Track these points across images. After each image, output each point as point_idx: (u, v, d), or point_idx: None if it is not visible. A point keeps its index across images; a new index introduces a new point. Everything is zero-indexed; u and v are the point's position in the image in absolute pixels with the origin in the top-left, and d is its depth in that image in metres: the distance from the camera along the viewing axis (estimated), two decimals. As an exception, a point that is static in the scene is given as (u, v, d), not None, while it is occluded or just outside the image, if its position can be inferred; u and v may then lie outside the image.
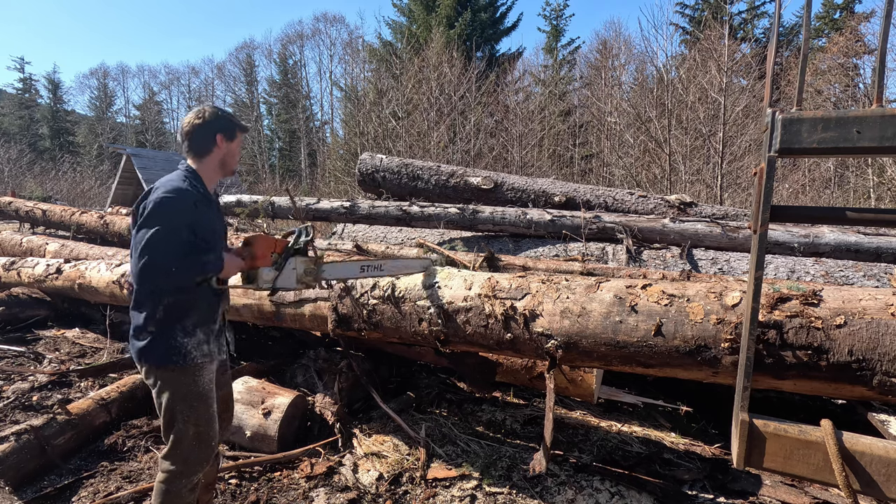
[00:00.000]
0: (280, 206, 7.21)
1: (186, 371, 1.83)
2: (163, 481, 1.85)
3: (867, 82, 18.26)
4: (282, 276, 2.03)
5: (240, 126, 2.03)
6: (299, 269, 2.10)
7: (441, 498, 2.49)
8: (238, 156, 2.06)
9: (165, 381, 1.83)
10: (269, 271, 1.99)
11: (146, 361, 1.83)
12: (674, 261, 4.67)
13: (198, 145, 1.93)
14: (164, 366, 1.82)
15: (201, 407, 1.88)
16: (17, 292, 5.45)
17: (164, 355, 1.80)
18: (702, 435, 3.28)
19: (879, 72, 1.36)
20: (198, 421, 1.87)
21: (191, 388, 1.85)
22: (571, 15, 38.83)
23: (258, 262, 1.95)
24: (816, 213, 1.60)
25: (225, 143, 1.97)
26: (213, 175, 1.99)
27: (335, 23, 40.95)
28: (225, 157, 1.99)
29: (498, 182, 6.28)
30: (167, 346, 1.80)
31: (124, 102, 47.56)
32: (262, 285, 1.98)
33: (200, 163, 1.94)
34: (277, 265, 2.02)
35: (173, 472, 1.85)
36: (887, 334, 1.74)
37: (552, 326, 2.35)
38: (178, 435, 1.85)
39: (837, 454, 1.37)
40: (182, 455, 1.86)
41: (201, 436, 1.88)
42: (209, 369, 1.92)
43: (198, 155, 1.94)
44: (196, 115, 1.93)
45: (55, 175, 27.63)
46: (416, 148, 16.17)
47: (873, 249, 4.38)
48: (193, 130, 1.91)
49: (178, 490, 1.85)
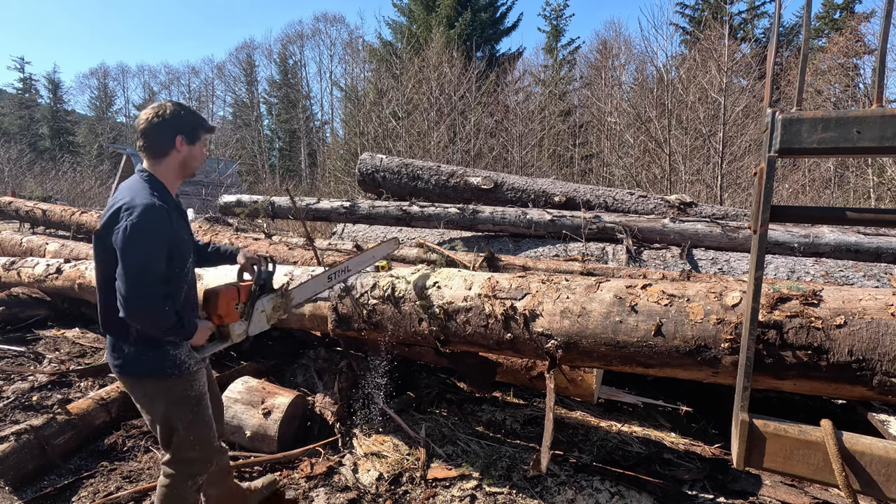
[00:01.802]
0: (280, 206, 7.21)
1: (182, 380, 1.79)
2: (167, 486, 1.83)
3: (867, 82, 18.26)
4: (252, 324, 1.97)
5: (204, 126, 1.85)
6: (268, 310, 2.04)
7: (441, 498, 2.49)
8: (202, 159, 1.86)
9: (160, 392, 1.78)
10: (240, 324, 1.93)
11: (135, 374, 1.76)
12: (674, 261, 4.67)
13: (155, 146, 1.75)
14: (158, 377, 1.76)
15: (200, 410, 1.86)
16: (17, 292, 5.44)
17: (157, 367, 1.74)
18: (702, 435, 3.28)
19: (879, 72, 1.36)
20: (197, 425, 1.85)
21: (188, 395, 1.81)
22: (571, 15, 38.82)
23: (226, 320, 1.87)
24: (816, 213, 1.60)
25: (185, 146, 1.79)
26: (174, 179, 1.82)
27: (335, 23, 40.95)
28: (185, 159, 1.81)
29: (498, 182, 6.28)
30: (159, 359, 1.74)
31: (124, 102, 47.55)
32: (236, 340, 1.93)
33: (158, 165, 1.77)
34: (245, 314, 1.95)
35: (178, 476, 1.83)
36: (887, 334, 1.73)
37: (552, 326, 2.35)
38: (180, 442, 1.82)
39: (837, 454, 1.37)
40: (186, 460, 1.84)
41: (202, 438, 1.87)
42: (202, 373, 1.90)
43: (154, 157, 1.77)
44: (155, 111, 1.74)
45: (55, 175, 27.61)
46: (416, 148, 16.17)
47: (873, 249, 4.38)
48: (150, 129, 1.73)
49: (183, 493, 1.85)
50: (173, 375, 1.77)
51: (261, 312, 2.01)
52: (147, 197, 1.65)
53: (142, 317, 1.63)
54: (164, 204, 1.69)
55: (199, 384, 1.87)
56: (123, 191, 1.71)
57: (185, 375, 1.79)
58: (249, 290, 1.98)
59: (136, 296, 1.59)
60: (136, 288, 1.59)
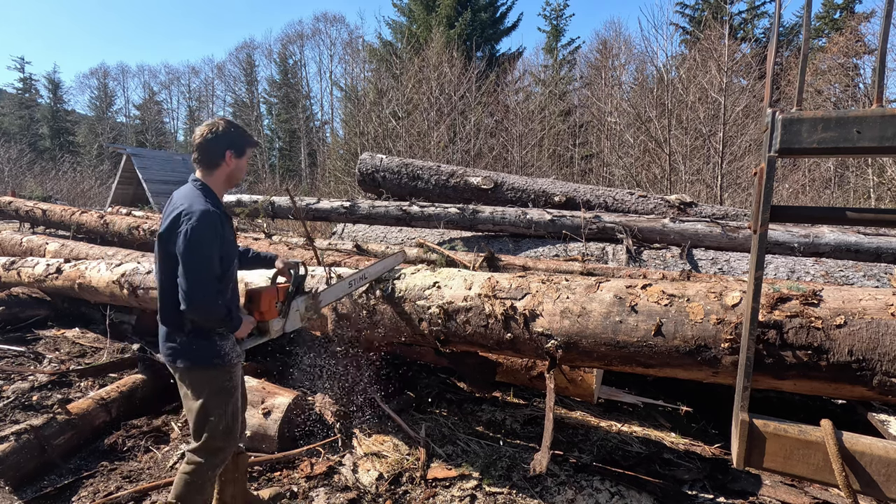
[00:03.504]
0: (280, 205, 7.22)
1: (224, 370, 1.98)
2: (189, 472, 1.96)
3: (867, 82, 18.25)
4: (289, 321, 2.25)
5: (250, 143, 2.09)
6: (301, 309, 2.32)
7: (441, 498, 2.49)
8: (245, 171, 2.12)
9: (204, 381, 1.96)
10: (277, 321, 2.19)
11: (187, 363, 1.94)
12: (674, 261, 4.67)
13: (207, 159, 1.99)
14: (206, 367, 1.95)
15: (232, 401, 2.03)
16: (17, 292, 5.45)
17: (206, 357, 1.94)
18: (702, 435, 3.28)
19: (879, 72, 1.36)
20: (228, 415, 2.01)
21: (226, 385, 1.99)
22: (571, 15, 38.83)
23: (266, 316, 2.13)
24: (816, 213, 1.60)
25: (234, 160, 2.03)
26: (221, 188, 2.06)
27: (335, 23, 40.98)
28: (233, 171, 2.05)
29: (498, 182, 6.28)
30: (208, 350, 1.94)
31: (124, 102, 47.60)
32: (274, 335, 2.19)
33: (210, 176, 2.01)
34: (283, 312, 2.21)
35: (202, 464, 1.97)
36: (887, 334, 1.74)
37: (552, 326, 2.35)
38: (211, 430, 1.96)
39: (837, 454, 1.37)
40: (212, 448, 1.98)
41: (230, 429, 2.02)
42: (240, 368, 2.09)
43: (207, 168, 2.00)
44: (209, 128, 1.99)
45: (55, 175, 27.61)
46: (416, 148, 16.15)
47: (873, 249, 4.38)
48: (204, 144, 1.97)
49: (203, 481, 1.98)
50: (217, 365, 1.95)
51: (295, 311, 2.28)
52: (203, 204, 1.88)
53: (199, 309, 1.85)
54: (217, 210, 1.91)
55: (236, 377, 2.05)
56: (180, 198, 1.93)
57: (227, 366, 1.98)
58: (286, 290, 2.23)
59: (195, 291, 1.81)
60: (195, 284, 1.81)
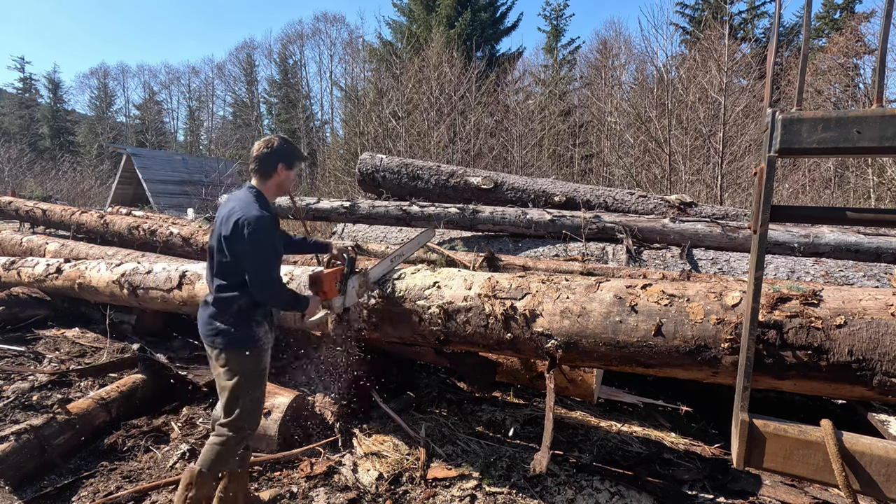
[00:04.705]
0: (280, 205, 7.21)
1: (256, 355, 2.21)
2: (219, 443, 2.18)
3: (867, 82, 18.25)
4: (347, 298, 2.59)
5: (299, 157, 2.40)
6: (356, 286, 2.65)
7: (441, 498, 2.49)
8: (294, 181, 2.41)
9: (240, 363, 2.19)
10: (338, 299, 2.53)
11: (227, 346, 2.18)
12: (674, 261, 4.68)
13: (262, 169, 2.29)
14: (242, 350, 2.18)
15: (261, 383, 2.28)
16: (17, 292, 5.45)
17: (243, 342, 2.19)
18: (702, 435, 3.28)
19: (879, 72, 1.36)
20: (256, 394, 2.25)
21: (257, 367, 2.24)
22: (571, 15, 38.78)
23: (329, 295, 2.46)
24: (816, 213, 1.60)
25: (284, 171, 2.32)
26: (272, 195, 2.35)
27: (335, 23, 40.86)
28: (283, 181, 2.34)
29: (498, 182, 6.28)
30: (245, 335, 2.19)
31: (124, 102, 47.50)
32: (337, 311, 2.55)
33: (263, 184, 2.30)
34: (342, 290, 2.54)
35: (231, 437, 2.19)
36: (887, 334, 1.74)
37: (552, 326, 2.35)
38: (242, 408, 2.19)
39: (837, 454, 1.37)
40: (241, 423, 2.20)
41: (257, 406, 2.28)
42: (269, 354, 2.32)
43: (261, 177, 2.30)
44: (265, 143, 2.30)
45: (55, 175, 27.61)
46: (416, 148, 16.14)
47: (873, 249, 4.38)
48: (261, 156, 2.27)
49: (230, 450, 2.21)
50: (252, 349, 2.20)
51: (352, 289, 2.62)
52: (258, 209, 2.16)
53: (269, 293, 2.18)
54: (268, 213, 2.18)
55: (265, 362, 2.28)
56: (237, 203, 2.19)
57: (259, 351, 2.22)
58: (342, 272, 2.55)
59: (264, 279, 2.15)
60: (262, 273, 2.14)
